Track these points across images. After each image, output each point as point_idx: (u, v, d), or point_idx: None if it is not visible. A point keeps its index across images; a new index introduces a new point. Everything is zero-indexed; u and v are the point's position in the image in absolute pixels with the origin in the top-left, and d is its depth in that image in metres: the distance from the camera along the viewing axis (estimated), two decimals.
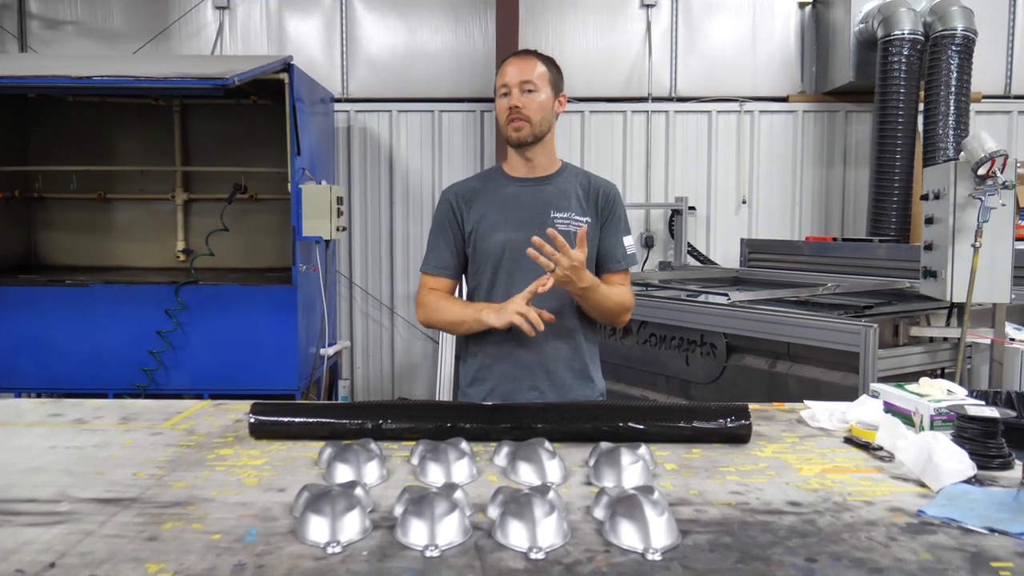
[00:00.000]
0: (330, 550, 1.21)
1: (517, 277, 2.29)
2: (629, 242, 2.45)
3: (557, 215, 2.34)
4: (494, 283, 2.35)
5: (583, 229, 2.15)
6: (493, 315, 2.23)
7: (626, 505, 1.28)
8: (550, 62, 2.38)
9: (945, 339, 3.94)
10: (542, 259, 2.10)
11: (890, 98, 5.90)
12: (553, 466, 1.57)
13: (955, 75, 5.76)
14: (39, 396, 4.98)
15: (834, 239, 6.13)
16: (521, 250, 2.24)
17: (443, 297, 2.41)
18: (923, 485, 1.53)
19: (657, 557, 1.19)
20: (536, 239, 2.09)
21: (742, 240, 6.36)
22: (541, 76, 2.32)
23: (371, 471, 1.56)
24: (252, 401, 1.92)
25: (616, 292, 2.35)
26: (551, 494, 1.35)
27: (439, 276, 2.42)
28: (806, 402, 2.12)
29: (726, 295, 4.41)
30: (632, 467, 1.54)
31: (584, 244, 2.14)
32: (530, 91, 2.29)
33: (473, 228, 2.36)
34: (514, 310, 2.16)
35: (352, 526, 1.26)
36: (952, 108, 5.76)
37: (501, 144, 5.58)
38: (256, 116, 6.14)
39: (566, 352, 2.36)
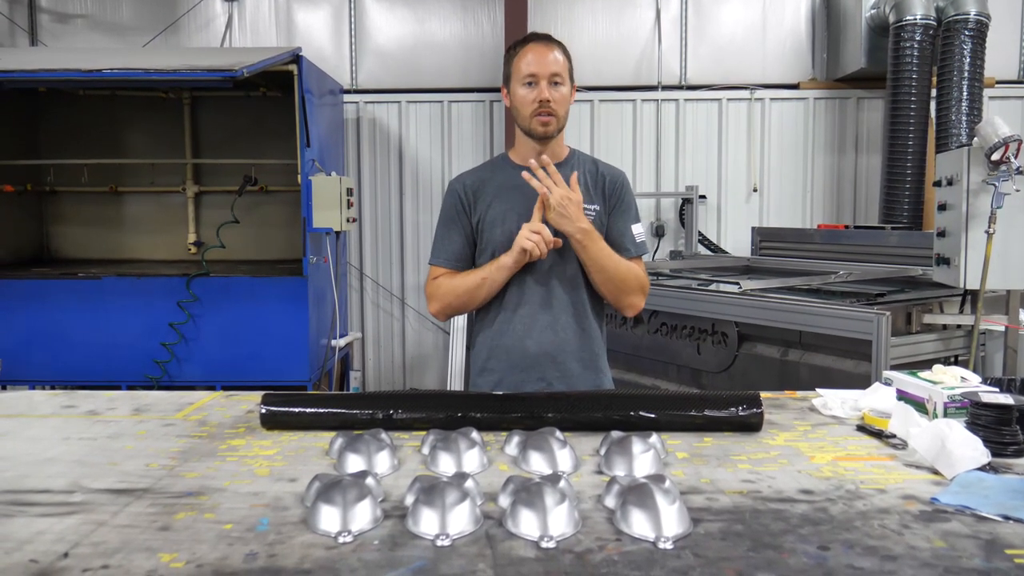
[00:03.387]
0: (341, 539, 1.21)
1: (525, 266, 2.28)
2: (639, 230, 2.41)
3: None
4: None
5: (574, 175, 2.22)
6: (507, 256, 2.23)
7: (637, 494, 1.28)
8: (567, 51, 2.34)
9: (958, 326, 3.92)
10: (535, 182, 2.17)
11: (902, 84, 5.85)
12: (564, 455, 1.57)
13: (968, 60, 5.71)
14: (52, 388, 5.02)
15: (846, 227, 6.10)
16: None
17: (450, 276, 2.36)
18: (936, 472, 1.52)
19: (669, 546, 1.19)
20: (531, 163, 2.18)
21: (753, 228, 6.34)
22: (565, 68, 2.29)
23: (382, 461, 1.56)
24: (263, 392, 1.92)
25: (627, 267, 2.32)
26: (562, 483, 1.34)
27: (449, 268, 2.37)
28: (818, 390, 2.10)
29: (737, 284, 4.40)
30: (643, 456, 1.53)
31: (576, 185, 2.21)
32: (557, 83, 2.26)
33: (480, 217, 2.34)
34: (525, 235, 2.17)
35: (363, 515, 1.27)
36: (965, 93, 5.70)
37: (511, 132, 5.58)
38: (266, 108, 6.14)
39: (575, 343, 2.34)
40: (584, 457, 1.63)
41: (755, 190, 6.84)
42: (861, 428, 1.83)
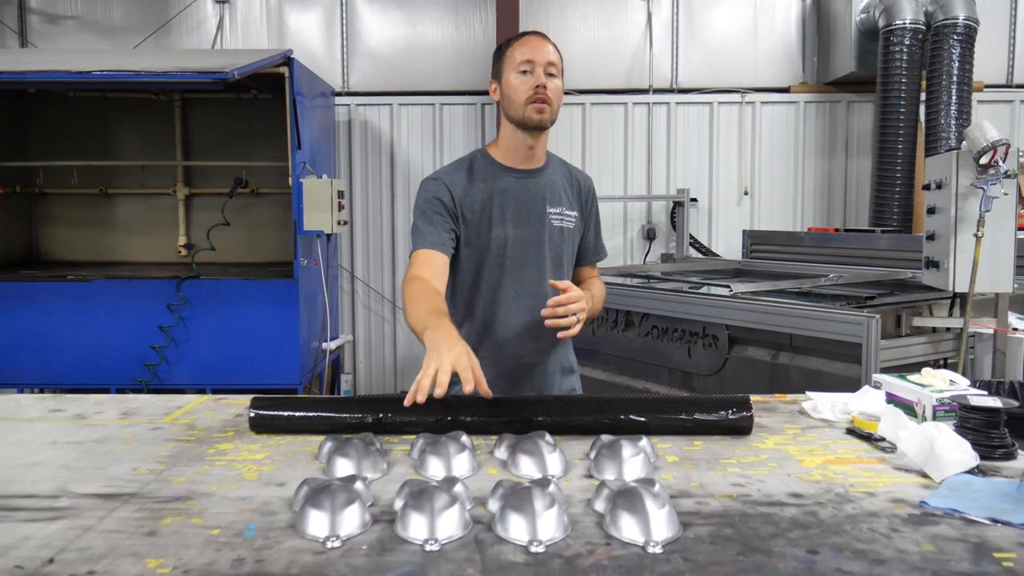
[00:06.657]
0: (329, 544, 1.21)
1: (518, 273, 2.25)
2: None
3: (551, 210, 2.29)
4: (499, 279, 2.26)
5: (568, 286, 2.07)
6: (432, 331, 1.85)
7: (627, 498, 1.28)
8: (559, 50, 2.28)
9: (947, 329, 3.93)
10: (562, 322, 2.04)
11: (892, 88, 5.87)
12: (554, 459, 1.57)
13: (957, 64, 5.74)
14: (41, 392, 4.99)
15: (836, 230, 6.13)
16: (522, 246, 2.25)
17: (424, 289, 2.07)
18: (925, 476, 1.52)
19: (658, 550, 1.19)
20: (548, 307, 2.04)
21: (744, 232, 6.34)
22: (559, 62, 2.24)
23: (371, 465, 1.55)
24: (253, 395, 1.91)
25: (599, 291, 2.41)
26: (551, 487, 1.34)
27: (436, 251, 2.18)
28: (808, 393, 2.11)
29: (728, 287, 4.40)
30: (633, 460, 1.53)
31: (572, 285, 2.09)
32: (552, 75, 2.20)
33: (470, 220, 2.24)
34: (450, 361, 1.73)
35: (352, 520, 1.26)
36: (954, 98, 5.74)
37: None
38: (257, 110, 6.13)
39: (559, 354, 2.38)
40: (574, 461, 1.63)
41: (746, 193, 6.86)
42: (851, 431, 1.83)
